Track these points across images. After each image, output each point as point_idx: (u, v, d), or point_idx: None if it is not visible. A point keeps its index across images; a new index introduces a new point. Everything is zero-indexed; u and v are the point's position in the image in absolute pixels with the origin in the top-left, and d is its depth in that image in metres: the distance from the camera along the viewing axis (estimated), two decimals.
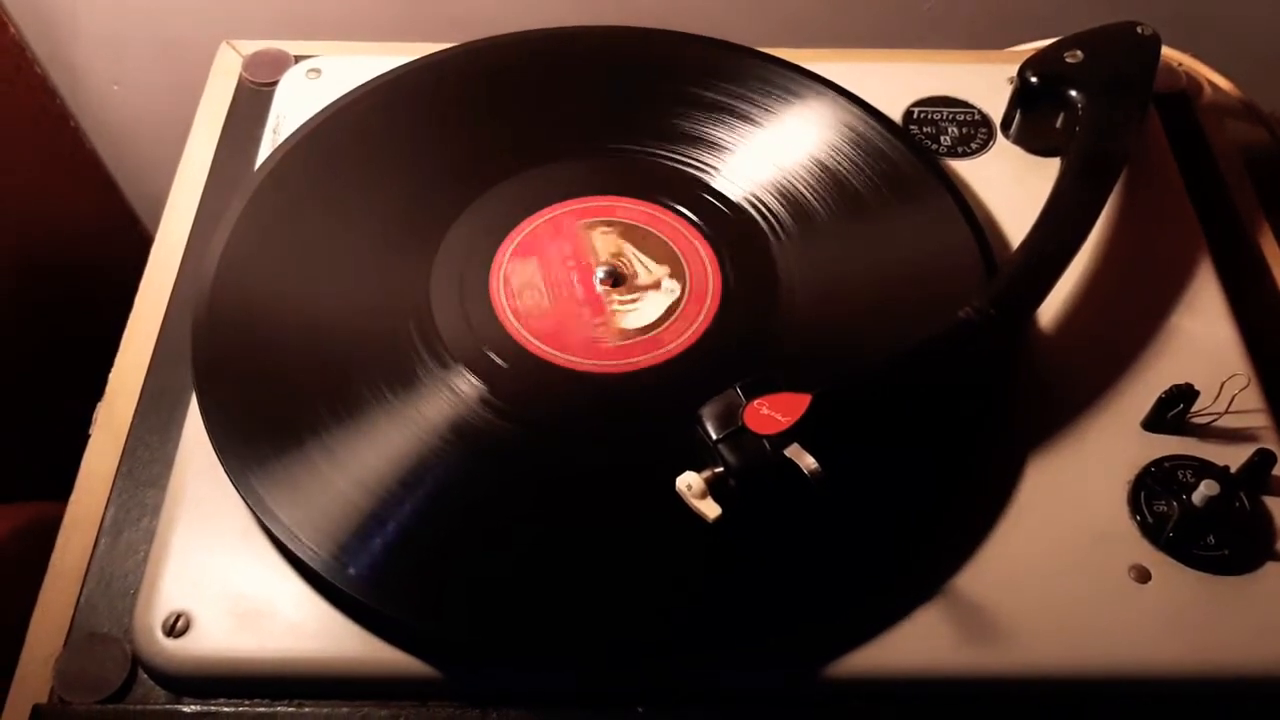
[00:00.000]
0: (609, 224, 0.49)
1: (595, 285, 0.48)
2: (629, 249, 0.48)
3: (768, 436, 0.38)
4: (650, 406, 0.44)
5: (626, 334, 0.46)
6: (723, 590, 0.40)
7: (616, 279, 0.48)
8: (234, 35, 0.61)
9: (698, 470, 0.38)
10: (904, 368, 0.42)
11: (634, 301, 0.47)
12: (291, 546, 0.39)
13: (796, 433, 0.38)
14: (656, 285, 0.47)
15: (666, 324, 0.46)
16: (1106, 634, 0.39)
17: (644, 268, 0.47)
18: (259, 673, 0.39)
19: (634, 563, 0.40)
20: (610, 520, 0.41)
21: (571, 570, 0.40)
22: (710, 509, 0.37)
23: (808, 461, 0.37)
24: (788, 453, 0.37)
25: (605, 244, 0.49)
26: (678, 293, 0.47)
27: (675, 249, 0.48)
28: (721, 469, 0.38)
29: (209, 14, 0.79)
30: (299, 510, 0.40)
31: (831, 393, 0.39)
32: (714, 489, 0.37)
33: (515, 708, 0.39)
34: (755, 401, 0.39)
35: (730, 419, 0.39)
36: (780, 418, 0.38)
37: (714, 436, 0.39)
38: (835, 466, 0.37)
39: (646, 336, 0.46)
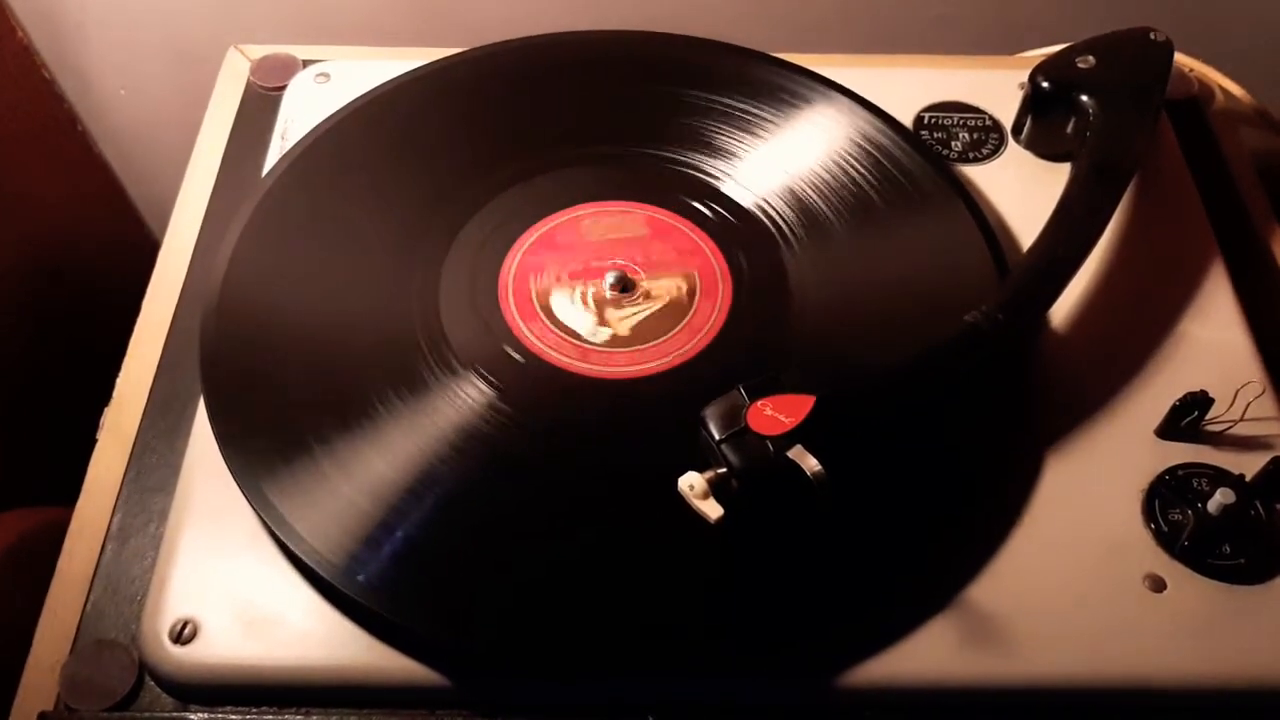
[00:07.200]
0: (690, 285, 0.48)
1: (608, 276, 0.48)
2: (658, 305, 0.47)
3: (771, 437, 0.38)
4: (661, 411, 0.44)
5: (548, 313, 0.47)
6: (731, 601, 0.39)
7: (623, 288, 0.48)
8: (242, 39, 0.61)
9: (700, 471, 0.37)
10: (910, 371, 0.42)
11: (586, 310, 0.47)
12: (300, 553, 0.39)
13: (800, 434, 0.38)
14: (607, 326, 0.46)
15: (565, 341, 0.46)
16: (1121, 644, 0.39)
17: (630, 315, 0.47)
18: (266, 680, 0.39)
19: (644, 573, 0.40)
20: (623, 529, 0.41)
21: (581, 579, 0.40)
22: (712, 510, 0.36)
23: (810, 463, 0.36)
24: (790, 454, 0.37)
25: (664, 285, 0.48)
26: (600, 343, 0.46)
27: (686, 321, 0.47)
28: (724, 469, 0.38)
29: (217, 18, 0.78)
30: (308, 516, 0.40)
31: (836, 395, 0.39)
32: (716, 490, 0.37)
33: (525, 718, 0.39)
34: (759, 402, 0.39)
35: (734, 419, 0.38)
36: (784, 419, 0.38)
37: (717, 436, 0.38)
38: (840, 470, 0.36)
39: (551, 329, 0.46)
